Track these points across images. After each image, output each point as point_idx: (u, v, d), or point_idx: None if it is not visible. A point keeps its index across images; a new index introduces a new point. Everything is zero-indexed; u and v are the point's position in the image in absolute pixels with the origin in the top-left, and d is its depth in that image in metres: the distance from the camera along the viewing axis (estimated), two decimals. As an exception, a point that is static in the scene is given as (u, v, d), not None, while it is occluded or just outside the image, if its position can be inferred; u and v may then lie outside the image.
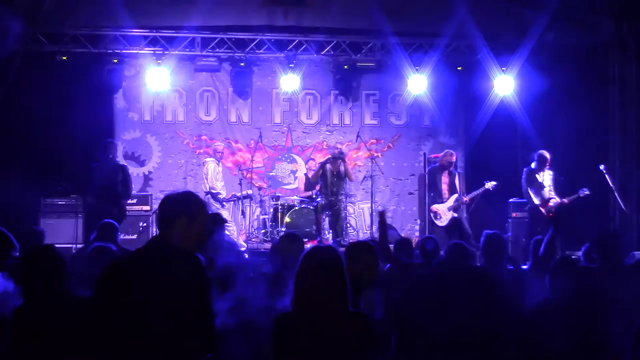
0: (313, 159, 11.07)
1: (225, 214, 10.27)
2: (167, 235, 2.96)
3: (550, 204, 9.08)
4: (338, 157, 10.07)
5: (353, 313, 3.08)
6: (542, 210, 9.06)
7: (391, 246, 6.40)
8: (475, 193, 9.76)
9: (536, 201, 9.12)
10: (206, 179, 10.24)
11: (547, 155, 9.16)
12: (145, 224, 10.20)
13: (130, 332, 2.78)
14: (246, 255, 7.45)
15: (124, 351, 2.78)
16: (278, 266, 4.94)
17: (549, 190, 9.17)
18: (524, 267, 5.52)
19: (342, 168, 10.09)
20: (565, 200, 9.10)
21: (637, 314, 3.74)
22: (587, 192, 9.10)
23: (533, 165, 9.22)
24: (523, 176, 9.23)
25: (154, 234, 3.09)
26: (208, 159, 10.52)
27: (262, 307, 4.06)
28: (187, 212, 2.99)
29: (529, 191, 9.18)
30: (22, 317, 3.30)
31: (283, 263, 4.81)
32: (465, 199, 9.73)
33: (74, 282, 4.96)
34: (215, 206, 10.15)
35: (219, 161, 10.52)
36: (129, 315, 2.78)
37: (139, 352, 2.77)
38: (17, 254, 5.19)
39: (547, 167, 9.16)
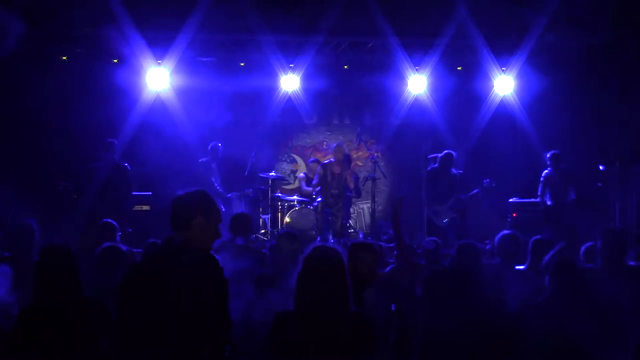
0: (316, 160, 11.03)
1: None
2: (183, 235, 2.96)
3: None
4: (343, 163, 10.00)
5: (354, 312, 3.09)
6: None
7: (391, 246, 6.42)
8: (476, 191, 9.75)
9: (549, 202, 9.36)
10: (205, 178, 10.23)
11: (557, 155, 9.30)
12: (145, 224, 10.19)
13: (153, 330, 2.81)
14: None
15: (148, 348, 2.82)
16: (277, 264, 4.97)
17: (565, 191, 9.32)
18: (521, 267, 5.51)
19: (344, 174, 10.02)
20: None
21: (636, 314, 3.74)
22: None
23: (546, 170, 9.42)
24: (541, 179, 9.38)
25: (170, 235, 3.06)
26: (204, 160, 10.51)
27: (243, 307, 4.10)
28: (203, 212, 3.00)
29: (545, 192, 9.35)
30: (35, 315, 3.29)
31: (282, 261, 4.83)
32: (468, 197, 9.70)
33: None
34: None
35: (216, 161, 10.49)
36: (151, 316, 2.81)
37: (162, 348, 2.81)
38: None
39: (561, 166, 9.30)
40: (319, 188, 10.16)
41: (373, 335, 3.10)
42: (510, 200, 10.31)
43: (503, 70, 10.65)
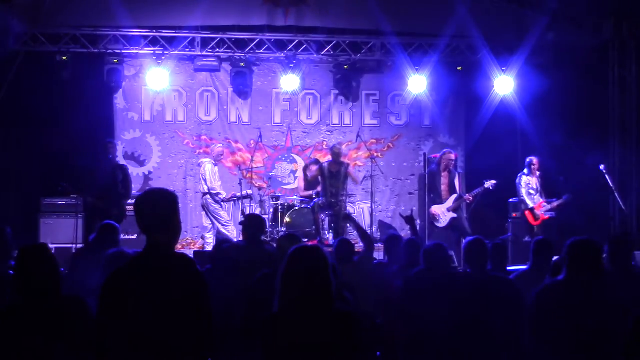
0: (316, 160, 11.02)
1: (224, 214, 10.27)
2: (164, 239, 2.94)
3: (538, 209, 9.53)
4: (340, 162, 10.00)
5: (338, 312, 3.07)
6: (530, 214, 9.56)
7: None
8: (476, 191, 9.73)
9: (530, 204, 9.56)
10: (204, 179, 10.19)
11: (535, 160, 9.56)
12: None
13: (134, 339, 2.79)
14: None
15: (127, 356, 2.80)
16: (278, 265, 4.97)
17: (538, 196, 9.60)
18: (524, 267, 5.49)
19: (343, 171, 10.00)
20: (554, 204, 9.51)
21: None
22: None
23: (526, 170, 9.61)
24: (517, 181, 9.54)
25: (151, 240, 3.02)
26: (204, 160, 10.46)
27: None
28: (177, 211, 3.00)
29: (524, 195, 9.61)
30: (12, 316, 3.25)
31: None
32: (469, 196, 9.66)
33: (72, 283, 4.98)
34: (214, 207, 10.13)
35: (216, 162, 10.47)
36: (132, 324, 2.79)
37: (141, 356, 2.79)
38: None
39: (536, 172, 9.49)
40: (318, 188, 10.16)
41: (358, 336, 3.07)
42: (510, 200, 10.30)
43: (503, 70, 10.64)
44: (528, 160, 9.67)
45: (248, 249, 5.60)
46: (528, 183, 9.61)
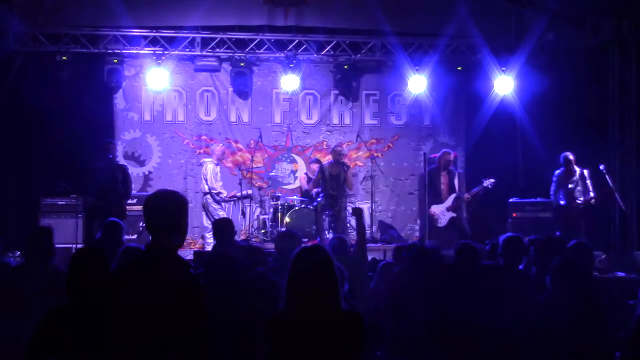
0: (317, 160, 11.02)
1: (223, 214, 10.26)
2: (165, 241, 2.94)
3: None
4: (341, 163, 9.96)
5: (345, 311, 3.08)
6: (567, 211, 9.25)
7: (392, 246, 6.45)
8: (475, 190, 9.69)
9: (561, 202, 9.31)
10: (205, 179, 10.19)
11: (570, 156, 9.25)
12: (145, 224, 10.16)
13: (128, 339, 2.80)
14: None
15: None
16: (276, 262, 4.98)
17: (577, 191, 9.28)
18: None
19: (342, 174, 9.98)
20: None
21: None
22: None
23: (558, 170, 9.37)
24: (553, 179, 9.36)
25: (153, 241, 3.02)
26: (206, 160, 10.47)
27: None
28: (183, 214, 3.00)
29: (557, 193, 9.34)
30: (65, 314, 3.26)
31: (281, 259, 4.83)
32: (467, 195, 9.63)
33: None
34: (213, 207, 10.13)
35: (219, 162, 10.46)
36: (126, 325, 2.80)
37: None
38: None
39: (573, 167, 9.27)
40: (319, 188, 10.15)
41: (365, 334, 3.08)
42: (510, 200, 10.30)
43: (503, 70, 10.64)
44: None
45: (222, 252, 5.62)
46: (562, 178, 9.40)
